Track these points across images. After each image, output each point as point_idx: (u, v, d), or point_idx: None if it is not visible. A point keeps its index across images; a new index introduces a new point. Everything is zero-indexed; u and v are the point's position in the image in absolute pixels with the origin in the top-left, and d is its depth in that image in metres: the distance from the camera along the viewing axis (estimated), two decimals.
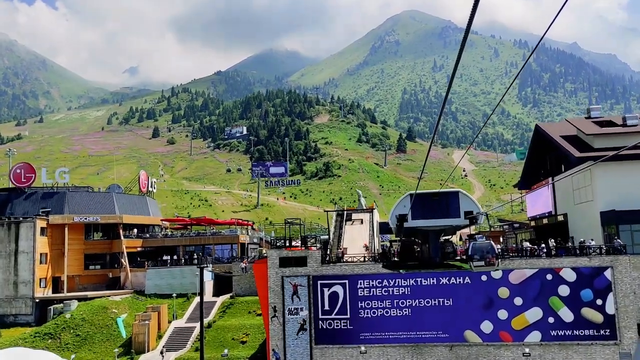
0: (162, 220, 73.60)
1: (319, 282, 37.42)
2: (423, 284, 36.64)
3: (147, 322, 48.23)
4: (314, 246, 39.31)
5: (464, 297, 36.16)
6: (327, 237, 46.26)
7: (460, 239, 70.71)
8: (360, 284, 37.08)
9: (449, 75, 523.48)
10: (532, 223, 56.56)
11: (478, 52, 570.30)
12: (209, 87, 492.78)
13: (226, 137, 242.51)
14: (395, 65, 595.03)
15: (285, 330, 37.21)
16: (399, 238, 59.73)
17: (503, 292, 35.81)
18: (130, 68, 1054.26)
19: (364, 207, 55.84)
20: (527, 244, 38.17)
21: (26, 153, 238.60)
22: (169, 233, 71.30)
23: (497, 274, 35.65)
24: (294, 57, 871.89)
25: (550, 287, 35.32)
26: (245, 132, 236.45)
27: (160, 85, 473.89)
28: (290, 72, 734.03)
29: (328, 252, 40.85)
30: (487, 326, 35.82)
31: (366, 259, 38.36)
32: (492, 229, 65.99)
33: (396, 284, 36.82)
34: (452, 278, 36.41)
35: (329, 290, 37.28)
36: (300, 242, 39.32)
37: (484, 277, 35.89)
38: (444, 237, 49.88)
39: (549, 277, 35.38)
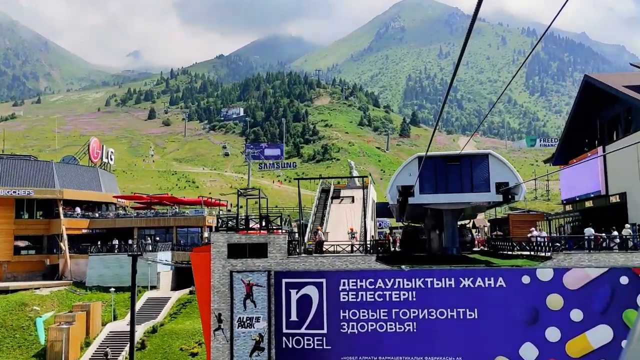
0: (117, 197, 61.55)
1: (284, 280, 25.81)
2: (435, 286, 24.88)
3: (67, 325, 36.82)
4: (280, 229, 27.68)
5: (495, 307, 24.38)
6: (301, 219, 34.40)
7: (474, 226, 58.99)
8: (344, 285, 25.38)
9: (455, 62, 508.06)
10: (569, 207, 44.89)
11: (485, 40, 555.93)
12: (210, 71, 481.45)
13: (222, 118, 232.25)
14: (400, 52, 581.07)
15: (233, 350, 25.67)
16: (401, 223, 47.95)
17: (554, 301, 24.00)
18: (134, 51, 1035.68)
19: (357, 181, 43.50)
20: (590, 231, 26.03)
21: (17, 132, 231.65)
22: (123, 213, 59.42)
23: (546, 275, 24.02)
24: (298, 42, 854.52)
25: (626, 295, 23.39)
26: (242, 113, 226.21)
27: (162, 68, 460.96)
28: (294, 57, 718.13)
29: (304, 239, 29.43)
30: (529, 351, 24.07)
31: (353, 249, 26.72)
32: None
33: (396, 286, 25.10)
34: (479, 278, 24.65)
35: (298, 292, 25.64)
36: (259, 223, 27.20)
37: (525, 279, 24.31)
38: (460, 222, 38.56)
39: (624, 280, 23.60)
